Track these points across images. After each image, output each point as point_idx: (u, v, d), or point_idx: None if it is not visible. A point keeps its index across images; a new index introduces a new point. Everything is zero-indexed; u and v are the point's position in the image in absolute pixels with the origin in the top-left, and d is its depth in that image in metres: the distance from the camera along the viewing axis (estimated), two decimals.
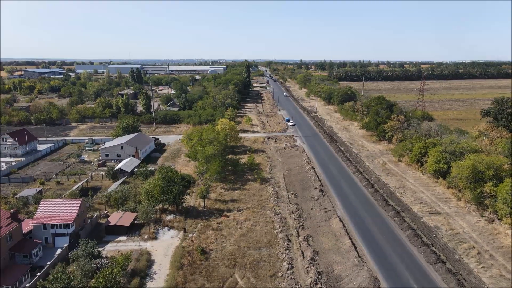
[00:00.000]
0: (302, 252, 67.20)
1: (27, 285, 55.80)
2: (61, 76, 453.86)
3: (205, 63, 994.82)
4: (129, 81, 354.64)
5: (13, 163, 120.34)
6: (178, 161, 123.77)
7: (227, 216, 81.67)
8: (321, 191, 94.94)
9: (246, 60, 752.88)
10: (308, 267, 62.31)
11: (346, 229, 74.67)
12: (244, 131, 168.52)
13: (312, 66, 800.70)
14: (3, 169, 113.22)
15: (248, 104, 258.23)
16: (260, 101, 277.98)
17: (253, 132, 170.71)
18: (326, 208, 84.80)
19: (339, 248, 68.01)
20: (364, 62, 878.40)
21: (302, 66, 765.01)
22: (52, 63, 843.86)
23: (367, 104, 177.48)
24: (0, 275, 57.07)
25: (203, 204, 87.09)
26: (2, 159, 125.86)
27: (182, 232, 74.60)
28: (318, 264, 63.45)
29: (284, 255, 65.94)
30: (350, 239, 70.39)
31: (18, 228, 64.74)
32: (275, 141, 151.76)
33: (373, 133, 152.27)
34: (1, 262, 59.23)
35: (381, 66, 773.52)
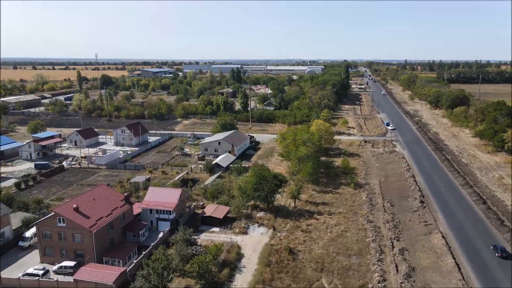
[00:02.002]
0: (396, 266, 62.67)
1: (134, 261, 62.55)
2: (171, 75, 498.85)
3: (303, 63, 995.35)
4: (229, 80, 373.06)
5: (129, 152, 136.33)
6: (271, 159, 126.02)
7: (317, 219, 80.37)
8: (422, 202, 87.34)
9: (345, 61, 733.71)
10: (402, 282, 57.87)
11: (450, 246, 67.43)
12: (340, 133, 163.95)
13: (418, 67, 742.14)
14: (120, 156, 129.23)
15: (345, 106, 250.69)
16: (358, 102, 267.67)
17: (349, 134, 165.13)
18: (426, 221, 77.75)
19: (439, 266, 61.71)
20: (482, 62, 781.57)
21: (407, 67, 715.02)
22: (164, 63, 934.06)
23: (482, 110, 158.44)
24: (114, 250, 65.12)
25: (293, 204, 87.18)
26: (120, 147, 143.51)
27: (271, 230, 75.72)
28: (413, 281, 58.46)
29: (376, 266, 62.29)
30: (454, 258, 63.38)
31: (130, 210, 73.03)
32: (372, 145, 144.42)
33: (489, 143, 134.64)
34: (115, 238, 67.51)
35: (502, 67, 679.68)
